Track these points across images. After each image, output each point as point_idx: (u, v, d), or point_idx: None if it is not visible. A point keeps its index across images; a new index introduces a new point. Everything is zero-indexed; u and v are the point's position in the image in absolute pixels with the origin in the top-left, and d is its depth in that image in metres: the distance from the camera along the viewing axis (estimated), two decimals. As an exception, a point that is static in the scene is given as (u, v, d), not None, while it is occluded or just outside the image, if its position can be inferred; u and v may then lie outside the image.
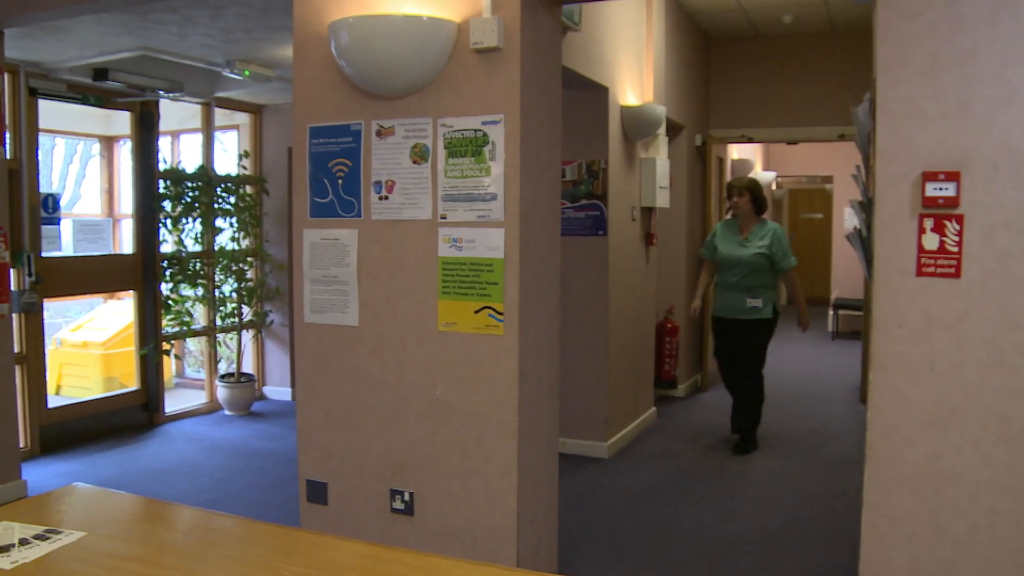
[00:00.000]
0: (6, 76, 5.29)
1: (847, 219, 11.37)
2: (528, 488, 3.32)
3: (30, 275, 5.77)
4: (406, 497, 3.40)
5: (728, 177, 9.65)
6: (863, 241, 3.18)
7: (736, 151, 10.16)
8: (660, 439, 6.39)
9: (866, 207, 3.17)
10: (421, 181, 3.27)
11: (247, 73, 6.08)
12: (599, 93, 5.72)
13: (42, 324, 6.20)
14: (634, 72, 6.25)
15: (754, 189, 6.00)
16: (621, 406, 6.12)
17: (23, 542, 2.00)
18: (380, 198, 3.34)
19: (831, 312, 12.15)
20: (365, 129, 3.37)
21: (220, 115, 7.56)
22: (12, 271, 5.39)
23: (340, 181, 3.42)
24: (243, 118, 7.87)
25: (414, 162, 3.28)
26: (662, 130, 6.70)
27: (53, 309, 6.51)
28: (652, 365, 6.98)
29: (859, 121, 3.29)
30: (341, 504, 3.58)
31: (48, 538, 2.03)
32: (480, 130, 3.16)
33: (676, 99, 7.33)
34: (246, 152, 7.71)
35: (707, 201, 8.33)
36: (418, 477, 3.39)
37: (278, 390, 7.93)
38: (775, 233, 5.91)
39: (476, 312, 3.19)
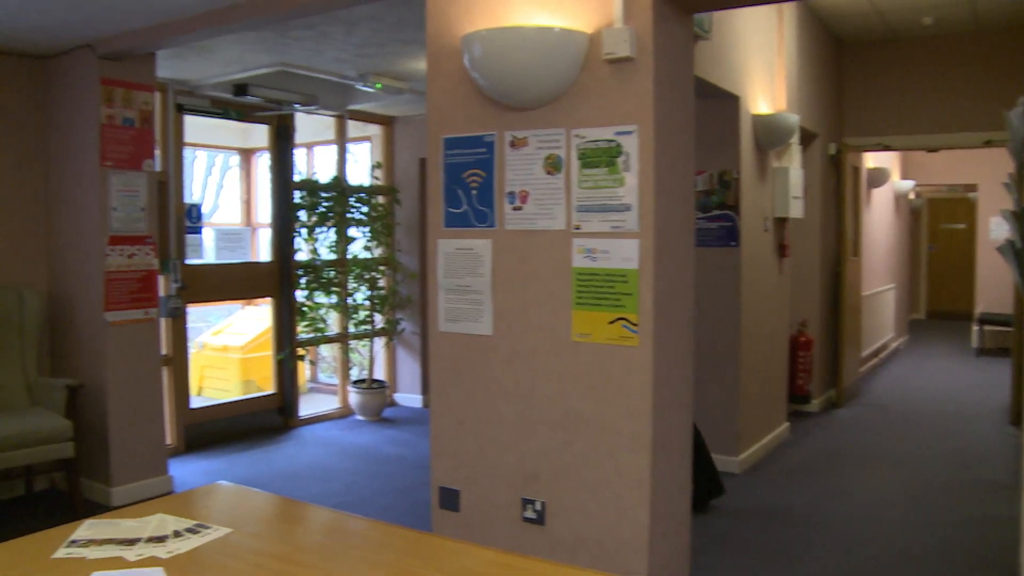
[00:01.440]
0: (157, 94, 5.56)
1: (993, 229, 10.87)
2: (660, 501, 3.28)
3: (176, 281, 6.03)
4: (537, 506, 3.40)
5: (864, 187, 9.35)
6: (1017, 253, 3.03)
7: (872, 159, 9.83)
8: (793, 455, 6.22)
9: (1020, 217, 3.02)
10: (555, 192, 3.27)
11: (379, 86, 6.22)
12: (730, 102, 5.63)
13: (186, 328, 6.48)
14: (765, 80, 6.13)
15: None
16: (753, 420, 5.98)
17: (176, 534, 2.09)
18: (514, 208, 3.36)
19: (975, 327, 11.60)
20: (498, 140, 3.39)
21: (353, 127, 7.76)
22: (160, 278, 5.64)
23: (474, 192, 3.46)
24: (375, 130, 8.06)
25: (548, 172, 3.28)
26: (795, 139, 6.54)
27: (195, 314, 6.78)
28: (785, 379, 6.80)
29: (1013, 127, 3.13)
30: (473, 511, 3.60)
31: (198, 532, 2.11)
32: (613, 140, 3.15)
33: (809, 107, 7.15)
34: (378, 163, 7.89)
35: (842, 211, 8.09)
36: (549, 487, 3.39)
37: (409, 397, 8.07)
38: None
39: (610, 323, 3.17)
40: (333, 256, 7.46)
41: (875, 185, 10.14)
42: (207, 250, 6.81)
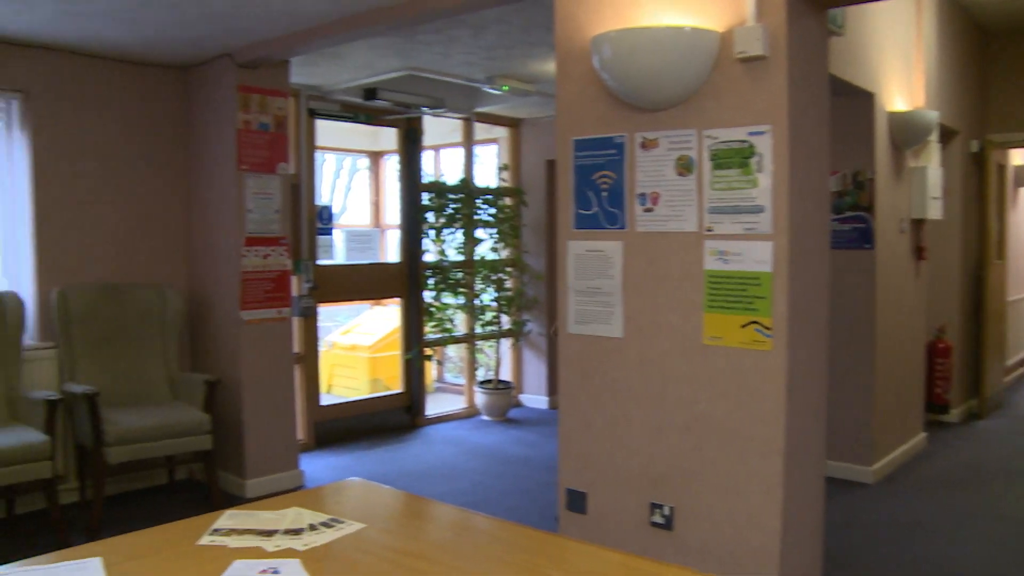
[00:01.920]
0: (291, 100, 5.74)
1: None
2: (793, 509, 3.20)
3: (308, 281, 6.21)
4: (666, 511, 3.37)
5: (1010, 185, 8.90)
6: None
7: (1019, 157, 9.36)
8: (930, 467, 5.96)
9: None
10: (686, 193, 3.23)
11: (506, 88, 6.27)
12: (864, 99, 5.44)
13: (316, 327, 6.66)
14: (902, 75, 5.90)
15: None
16: (887, 429, 5.77)
17: (312, 527, 2.15)
18: (645, 210, 3.34)
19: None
20: (629, 141, 3.37)
21: (480, 129, 7.84)
22: (292, 278, 5.82)
23: (604, 193, 3.44)
24: (502, 132, 8.12)
25: (679, 174, 3.25)
26: (934, 136, 6.28)
27: (324, 313, 6.97)
28: (922, 387, 6.54)
29: None
30: (600, 514, 3.59)
31: (333, 526, 2.16)
32: (746, 141, 3.09)
33: (949, 102, 6.86)
34: (505, 165, 7.95)
35: (985, 212, 7.72)
36: (678, 492, 3.35)
37: (535, 398, 8.10)
38: None
39: (743, 327, 3.11)
40: (460, 257, 7.55)
41: (1022, 184, 9.65)
42: (337, 251, 6.99)
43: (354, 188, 10.35)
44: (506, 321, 7.73)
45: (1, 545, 4.63)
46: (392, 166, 7.98)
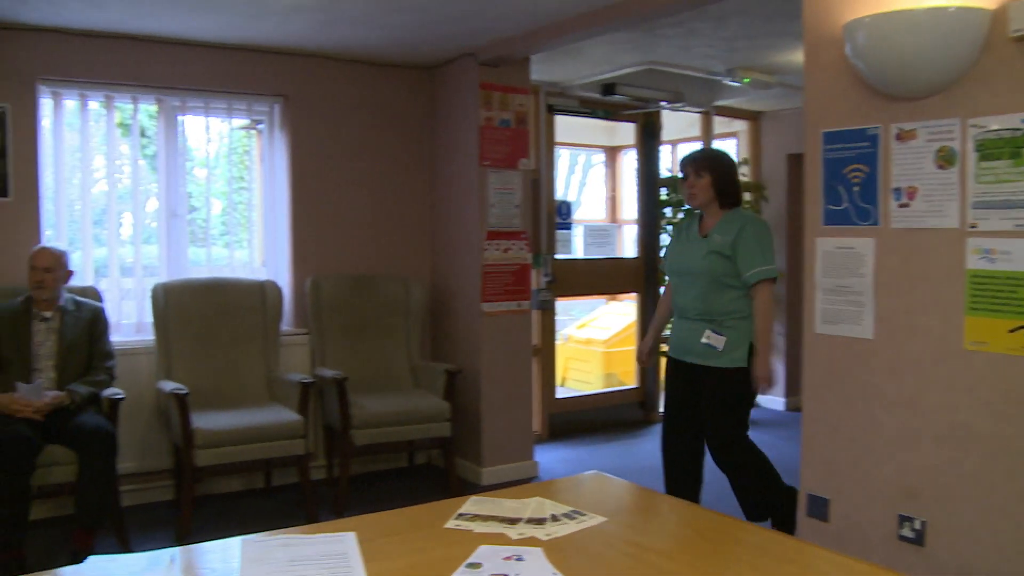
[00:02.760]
0: (531, 96, 5.85)
1: None
2: (1066, 533, 2.92)
3: (546, 275, 6.31)
4: (916, 525, 3.17)
5: None
6: None
7: None
8: None
9: None
10: (947, 187, 3.01)
11: (747, 80, 6.11)
12: None
13: (554, 321, 6.76)
14: None
15: (720, 167, 4.07)
16: None
17: (554, 518, 2.17)
18: (900, 205, 3.15)
19: None
20: (883, 133, 3.19)
21: (718, 123, 7.69)
22: (532, 271, 5.93)
23: (856, 188, 3.28)
24: (741, 125, 7.93)
25: (939, 167, 3.04)
26: None
27: (560, 307, 7.05)
28: None
29: None
30: (843, 523, 3.43)
31: (575, 518, 2.17)
32: (1019, 129, 2.84)
33: None
34: (745, 159, 7.76)
35: None
36: (931, 506, 3.14)
37: (772, 398, 7.87)
38: (746, 226, 3.96)
39: (1011, 331, 2.86)
40: (696, 253, 7.43)
41: None
42: (576, 246, 7.06)
43: (589, 183, 10.42)
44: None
45: (259, 511, 5.04)
46: (629, 161, 7.96)
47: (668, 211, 7.26)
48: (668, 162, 8.16)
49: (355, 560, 1.87)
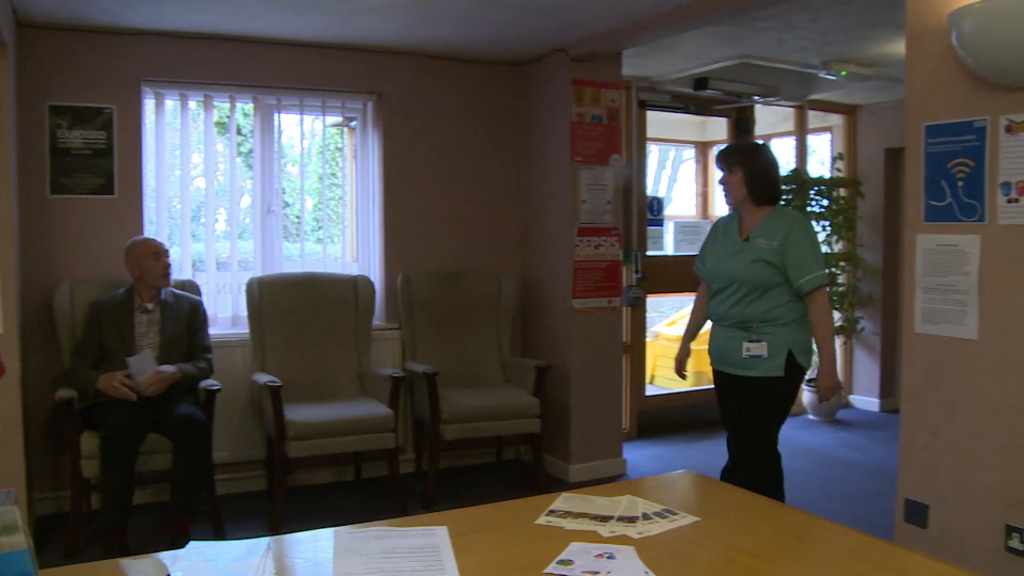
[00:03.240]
0: (623, 92, 5.81)
1: None
2: None
3: (637, 272, 6.26)
4: (1024, 535, 3.05)
5: None
6: None
7: None
8: None
9: None
10: (1060, 181, 2.89)
11: (844, 73, 5.96)
12: None
13: (644, 318, 6.70)
14: None
15: (752, 162, 3.82)
16: None
17: (645, 517, 2.15)
18: (1008, 201, 3.02)
19: None
20: (991, 125, 3.07)
21: (812, 117, 7.52)
22: (623, 268, 5.88)
23: (960, 183, 3.16)
24: (836, 119, 7.75)
25: (1051, 160, 2.91)
26: None
27: (651, 304, 6.99)
28: None
29: None
30: (942, 530, 3.32)
31: (666, 517, 2.16)
32: None
33: None
34: (840, 154, 7.57)
35: None
36: (1040, 514, 3.02)
37: (866, 399, 7.68)
38: (793, 228, 3.70)
39: None
40: (790, 250, 7.28)
41: None
42: (667, 243, 6.98)
43: (679, 179, 10.31)
44: (838, 318, 7.37)
45: (348, 503, 5.12)
46: (721, 157, 7.84)
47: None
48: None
49: (447, 554, 1.88)
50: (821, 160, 8.06)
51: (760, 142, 4.25)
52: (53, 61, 4.78)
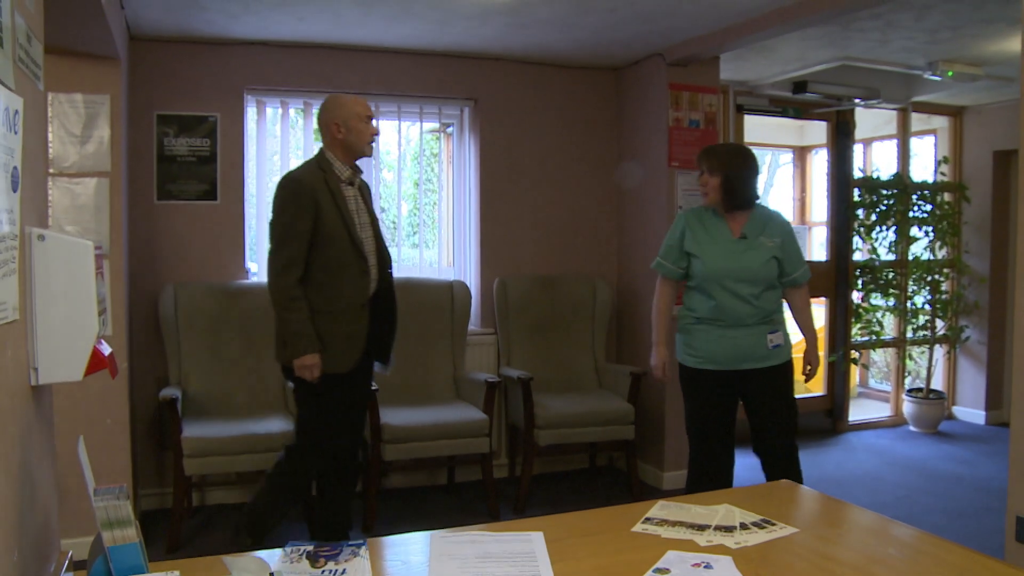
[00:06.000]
0: (720, 96, 5.74)
1: None
2: None
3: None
4: None
5: None
6: None
7: None
8: None
9: None
10: None
11: (950, 74, 5.77)
12: None
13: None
14: None
15: (733, 167, 3.82)
16: None
17: (743, 527, 2.12)
18: None
19: None
20: (1110, 127, 2.95)
21: (915, 120, 7.31)
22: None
23: (1077, 186, 3.04)
24: (941, 122, 7.52)
25: None
26: None
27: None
28: None
29: None
30: (1056, 548, 3.19)
31: (764, 527, 2.12)
32: None
33: None
34: (945, 158, 7.34)
35: None
36: None
37: (970, 411, 7.42)
38: (786, 227, 3.94)
39: None
40: (892, 257, 7.10)
41: None
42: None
43: (776, 184, 10.12)
44: (941, 326, 7.14)
45: (442, 507, 5.16)
46: (820, 161, 7.68)
47: (861, 212, 6.96)
48: (862, 162, 7.84)
49: (543, 559, 1.88)
50: (924, 164, 7.82)
51: (743, 146, 4.22)
52: (160, 72, 4.96)
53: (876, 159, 7.95)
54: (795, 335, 4.12)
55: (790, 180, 8.22)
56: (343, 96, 3.78)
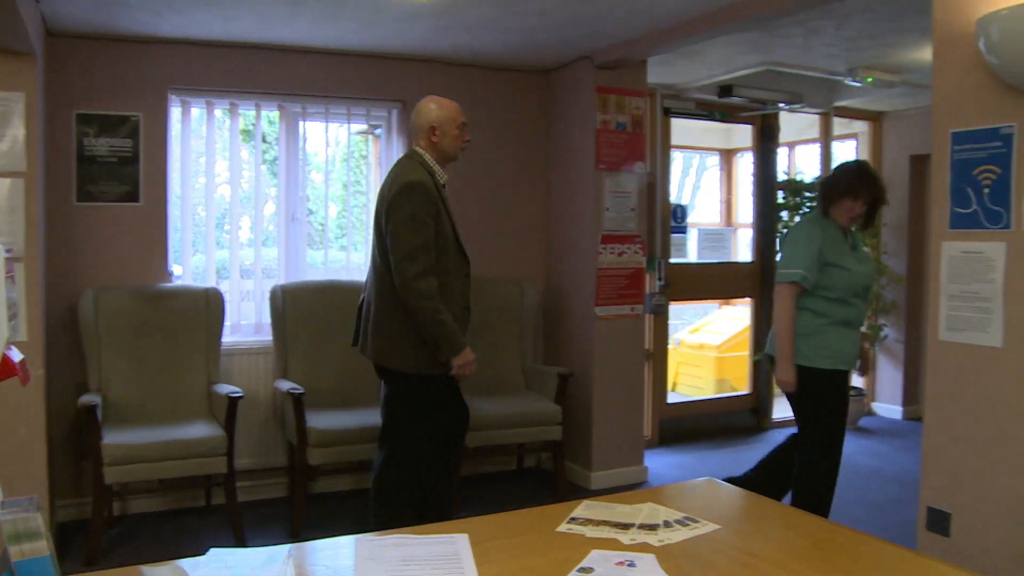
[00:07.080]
0: (647, 99, 5.81)
1: None
2: None
3: (660, 279, 6.25)
4: (1051, 545, 3.02)
5: None
6: None
7: None
8: None
9: None
10: (1085, 189, 2.87)
11: (869, 80, 5.93)
12: None
13: (667, 325, 6.69)
14: None
15: (883, 191, 4.03)
16: None
17: (666, 524, 2.15)
18: (1034, 208, 3.01)
19: None
20: (1019, 132, 3.05)
21: (837, 124, 7.50)
22: (646, 275, 5.87)
23: (986, 190, 3.14)
24: (861, 126, 7.72)
25: (1077, 167, 2.89)
26: None
27: (673, 311, 6.98)
28: None
29: None
30: (965, 539, 3.29)
31: (687, 524, 2.16)
32: None
33: None
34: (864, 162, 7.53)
35: None
36: (1067, 524, 2.99)
37: (889, 407, 7.63)
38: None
39: None
40: (813, 257, 7.25)
41: None
42: (690, 250, 6.98)
43: (703, 187, 10.29)
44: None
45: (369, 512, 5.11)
46: (745, 164, 7.83)
47: (785, 214, 7.10)
48: (785, 165, 8.00)
49: (467, 561, 1.89)
50: (846, 167, 8.01)
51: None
52: (81, 70, 4.84)
53: (800, 162, 8.13)
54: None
55: (716, 182, 8.36)
56: (442, 100, 3.83)
